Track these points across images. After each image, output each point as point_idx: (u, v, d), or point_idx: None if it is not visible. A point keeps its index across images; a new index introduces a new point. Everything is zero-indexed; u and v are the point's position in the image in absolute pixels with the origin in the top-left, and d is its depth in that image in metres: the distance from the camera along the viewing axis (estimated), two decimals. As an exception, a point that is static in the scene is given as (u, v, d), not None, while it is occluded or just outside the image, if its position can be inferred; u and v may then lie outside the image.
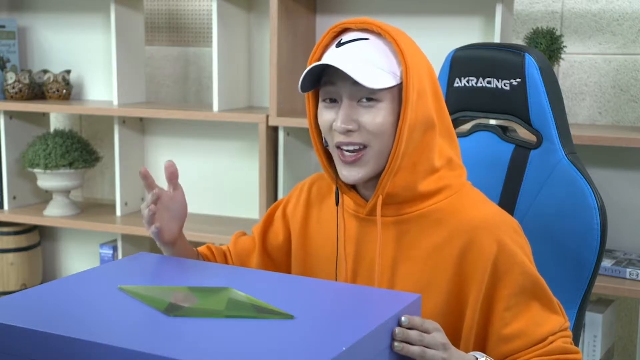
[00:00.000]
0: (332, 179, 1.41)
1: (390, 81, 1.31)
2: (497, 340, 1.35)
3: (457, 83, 1.72)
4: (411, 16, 2.66)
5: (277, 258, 1.57)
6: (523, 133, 1.72)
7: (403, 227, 1.39)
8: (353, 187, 1.42)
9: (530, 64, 1.62)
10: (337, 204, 1.42)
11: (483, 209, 1.39)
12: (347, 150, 1.33)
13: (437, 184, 1.38)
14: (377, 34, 1.34)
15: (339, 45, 1.35)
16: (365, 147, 1.32)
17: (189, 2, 3.03)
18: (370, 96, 1.31)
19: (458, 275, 1.36)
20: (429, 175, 1.36)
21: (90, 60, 3.15)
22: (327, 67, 1.33)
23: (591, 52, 2.53)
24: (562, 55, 2.39)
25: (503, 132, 1.70)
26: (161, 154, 3.08)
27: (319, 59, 1.38)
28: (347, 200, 1.44)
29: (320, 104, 1.37)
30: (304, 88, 1.36)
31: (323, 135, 1.39)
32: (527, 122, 1.63)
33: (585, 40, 2.53)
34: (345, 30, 1.38)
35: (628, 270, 2.23)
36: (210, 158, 3.00)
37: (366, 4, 2.71)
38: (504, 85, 1.65)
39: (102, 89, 3.15)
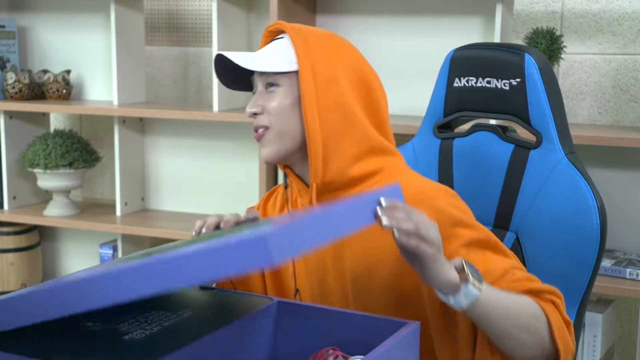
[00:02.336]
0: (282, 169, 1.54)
1: (286, 67, 1.43)
2: None
3: (457, 83, 1.72)
4: (411, 16, 2.66)
5: None
6: (523, 133, 1.72)
7: None
8: (302, 181, 1.50)
9: (530, 63, 1.62)
10: (285, 187, 1.54)
11: (416, 183, 1.43)
12: (256, 131, 1.47)
13: (369, 167, 1.44)
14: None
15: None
16: (268, 128, 1.45)
17: (189, 2, 3.04)
18: (271, 81, 1.44)
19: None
20: (358, 160, 1.43)
21: (90, 60, 3.15)
22: None
23: (591, 52, 2.53)
24: (562, 55, 2.39)
25: (503, 132, 1.70)
26: (161, 154, 3.08)
27: None
28: (301, 200, 1.51)
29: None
30: (236, 85, 1.52)
31: None
32: (526, 122, 1.63)
33: (585, 40, 2.53)
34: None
35: (628, 270, 2.22)
36: (210, 158, 3.00)
37: (366, 4, 2.71)
38: (504, 85, 1.66)
39: (102, 89, 3.16)
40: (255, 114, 1.45)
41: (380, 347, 1.11)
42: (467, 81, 1.71)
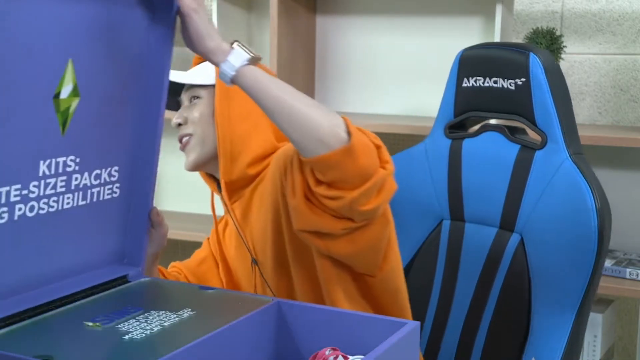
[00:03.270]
0: (208, 177, 1.68)
1: (205, 80, 1.59)
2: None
3: (466, 83, 1.72)
4: (411, 16, 2.66)
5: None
6: (532, 133, 1.72)
7: (243, 204, 1.60)
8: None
9: (535, 63, 1.61)
10: (219, 190, 1.63)
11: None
12: (180, 141, 1.60)
13: (263, 165, 1.57)
14: None
15: None
16: (191, 135, 1.59)
17: (189, 2, 3.03)
18: (194, 95, 1.60)
19: (280, 200, 1.48)
20: (257, 161, 1.56)
21: (91, 60, 3.15)
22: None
23: (591, 52, 2.53)
24: (562, 55, 2.39)
25: (510, 133, 1.69)
26: (161, 154, 3.07)
27: None
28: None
29: None
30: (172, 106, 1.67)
31: None
32: (532, 123, 1.63)
33: (585, 40, 2.53)
34: None
35: (628, 270, 2.22)
36: (210, 158, 3.00)
37: (366, 4, 2.71)
38: (510, 85, 1.65)
39: (102, 89, 3.15)
40: (179, 125, 1.60)
41: (380, 347, 1.11)
42: (475, 81, 1.70)
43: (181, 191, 3.07)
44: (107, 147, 1.30)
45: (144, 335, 1.13)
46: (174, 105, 1.69)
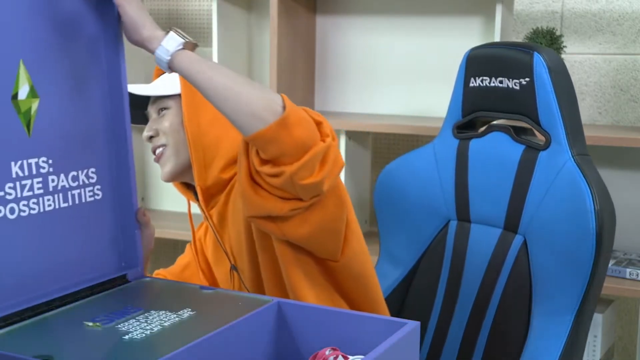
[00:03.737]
0: (183, 188, 1.68)
1: (170, 90, 1.57)
2: None
3: (473, 83, 1.71)
4: (411, 16, 2.66)
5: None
6: (538, 134, 1.71)
7: (219, 209, 1.59)
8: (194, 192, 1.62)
9: (539, 63, 1.60)
10: (197, 199, 1.62)
11: None
12: (154, 153, 1.59)
13: (236, 168, 1.53)
14: None
15: None
16: (165, 146, 1.57)
17: (189, 2, 3.03)
18: (162, 106, 1.58)
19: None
20: (230, 165, 1.55)
21: (91, 60, 3.14)
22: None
23: (591, 52, 2.53)
24: (562, 56, 2.39)
25: (516, 133, 1.69)
26: (161, 154, 3.08)
27: None
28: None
29: None
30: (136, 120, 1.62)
31: None
32: (537, 123, 1.62)
33: (585, 40, 2.53)
34: None
35: (628, 270, 2.22)
36: (210, 158, 2.99)
37: (366, 4, 2.71)
38: (514, 84, 1.64)
39: (102, 89, 3.15)
40: (151, 137, 1.58)
41: (380, 347, 1.11)
42: (482, 81, 1.70)
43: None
44: (79, 147, 1.31)
45: (144, 335, 1.13)
46: (142, 119, 1.67)
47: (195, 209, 1.71)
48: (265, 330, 1.25)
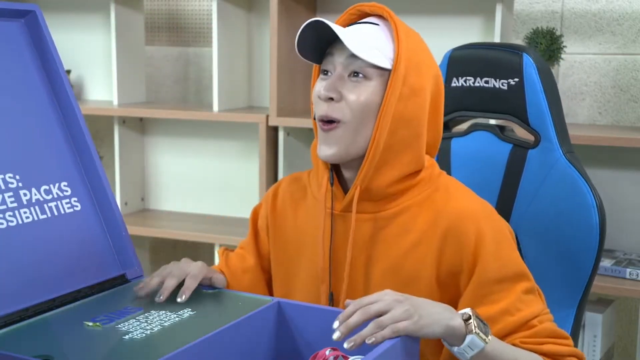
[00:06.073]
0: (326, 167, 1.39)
1: (383, 62, 1.30)
2: None
3: (455, 82, 1.72)
4: (411, 16, 2.66)
5: (269, 270, 1.53)
6: (521, 133, 1.72)
7: (379, 223, 1.36)
8: (339, 180, 1.39)
9: (528, 63, 1.62)
10: (331, 184, 1.37)
11: (460, 199, 1.37)
12: (321, 118, 1.32)
13: (414, 181, 1.36)
14: (387, 20, 1.37)
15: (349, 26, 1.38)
16: (340, 122, 1.30)
17: (189, 2, 3.04)
18: (361, 71, 1.30)
19: (439, 269, 1.33)
20: (403, 180, 1.35)
21: (90, 60, 3.15)
22: (333, 41, 1.33)
23: (591, 52, 2.53)
24: (562, 55, 2.39)
25: (501, 132, 1.70)
26: (161, 154, 3.08)
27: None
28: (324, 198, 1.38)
29: (319, 78, 1.36)
30: (307, 57, 1.36)
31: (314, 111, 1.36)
32: (525, 122, 1.63)
33: (585, 40, 2.53)
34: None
35: (628, 270, 2.23)
36: (210, 158, 3.00)
37: (366, 4, 2.71)
38: (502, 84, 1.65)
39: (102, 89, 3.16)
40: (330, 99, 1.29)
41: (380, 347, 1.11)
42: (465, 81, 1.71)
43: (180, 191, 3.07)
44: (44, 163, 1.35)
45: (144, 335, 1.13)
46: (317, 56, 1.36)
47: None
48: (265, 330, 1.25)
